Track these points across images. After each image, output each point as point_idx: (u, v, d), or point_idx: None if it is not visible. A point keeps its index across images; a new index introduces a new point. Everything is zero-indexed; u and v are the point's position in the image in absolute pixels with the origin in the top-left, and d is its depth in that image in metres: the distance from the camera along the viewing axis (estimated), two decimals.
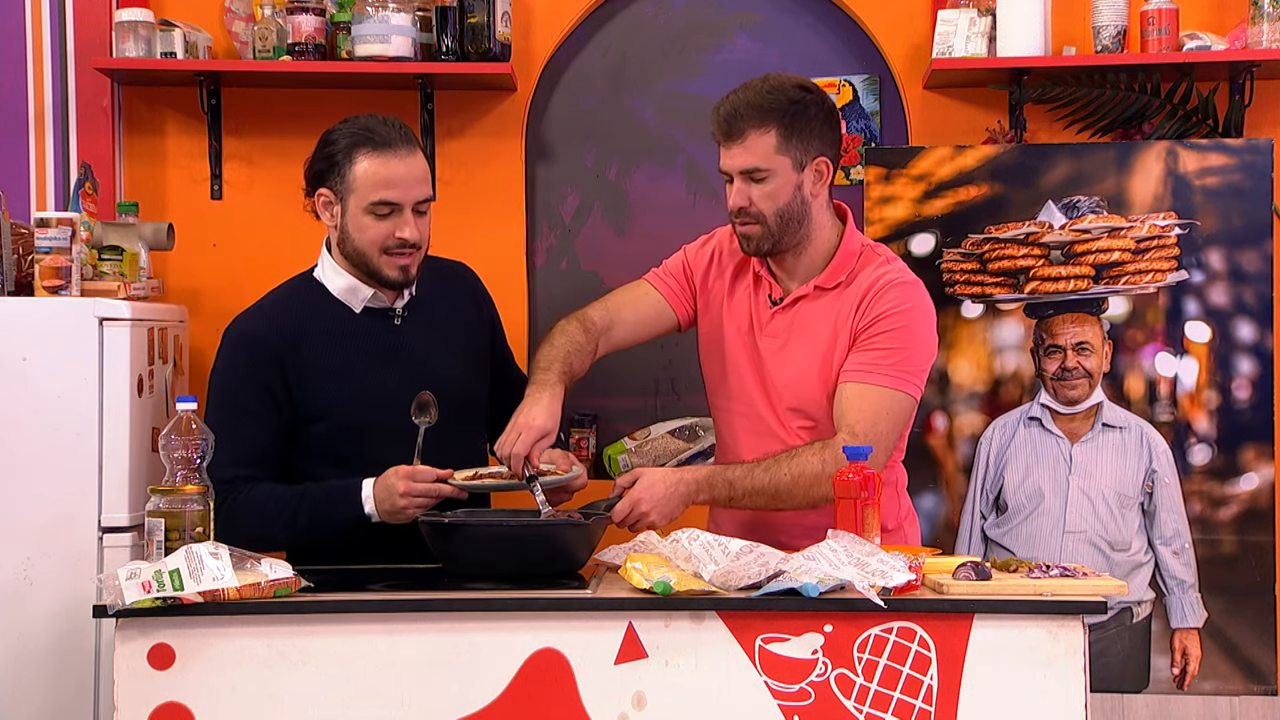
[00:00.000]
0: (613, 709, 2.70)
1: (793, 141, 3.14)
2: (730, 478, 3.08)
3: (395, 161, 3.20)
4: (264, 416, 3.20)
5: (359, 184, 3.20)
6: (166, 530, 2.83)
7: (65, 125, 4.31)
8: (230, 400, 3.22)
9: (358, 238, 3.23)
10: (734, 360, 3.30)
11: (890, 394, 3.10)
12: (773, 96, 3.14)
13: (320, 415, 3.23)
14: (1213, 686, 4.05)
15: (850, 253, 3.23)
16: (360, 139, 3.21)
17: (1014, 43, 4.16)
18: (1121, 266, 4.10)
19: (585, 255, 4.55)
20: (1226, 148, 4.10)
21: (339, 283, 3.30)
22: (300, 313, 3.28)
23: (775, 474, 3.06)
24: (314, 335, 3.25)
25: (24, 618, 3.54)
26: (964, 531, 4.13)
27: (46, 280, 3.62)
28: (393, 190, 3.19)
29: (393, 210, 3.20)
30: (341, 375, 3.24)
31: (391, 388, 3.23)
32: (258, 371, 3.21)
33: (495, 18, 4.18)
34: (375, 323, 3.30)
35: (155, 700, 2.69)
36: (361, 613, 2.73)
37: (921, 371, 3.17)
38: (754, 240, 3.20)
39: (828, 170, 3.19)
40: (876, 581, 2.66)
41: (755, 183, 3.15)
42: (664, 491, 3.04)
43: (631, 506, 3.03)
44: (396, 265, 3.23)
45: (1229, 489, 4.08)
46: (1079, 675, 2.67)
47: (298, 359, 3.22)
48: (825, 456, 3.04)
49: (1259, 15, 4.12)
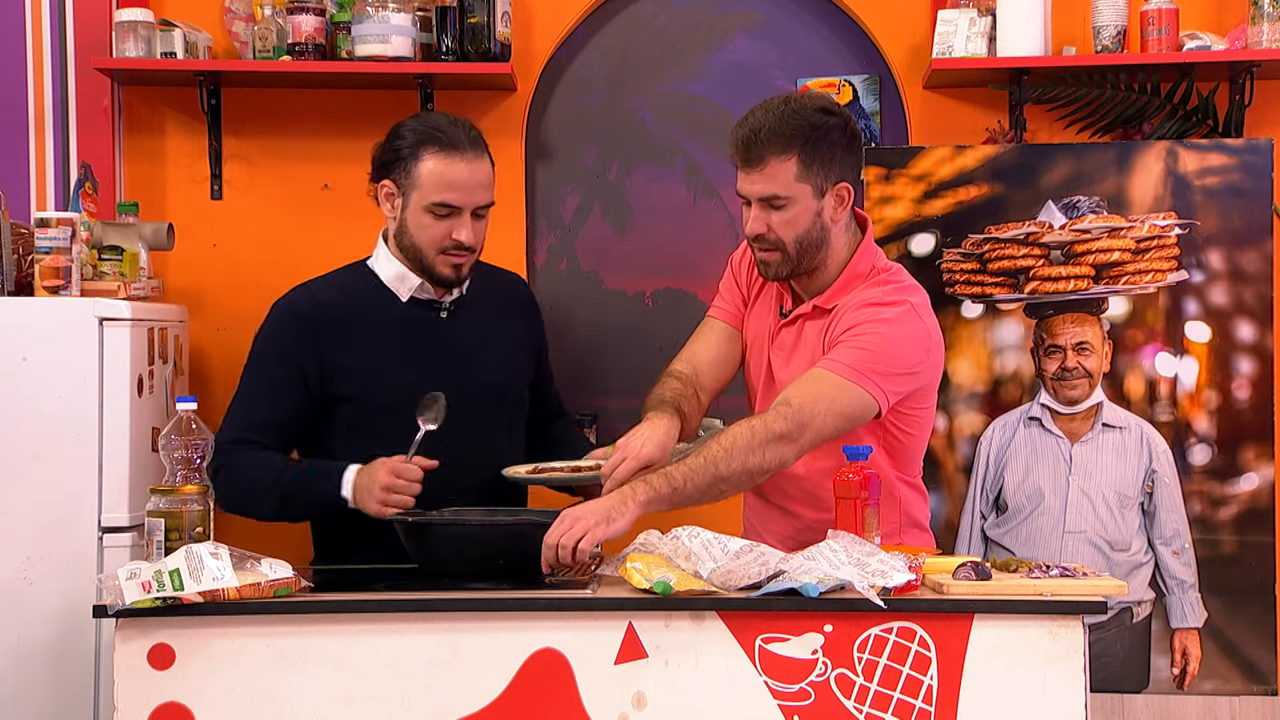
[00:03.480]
0: (613, 709, 2.70)
1: (813, 168, 3.06)
2: (667, 470, 2.95)
3: (460, 164, 3.24)
4: (288, 392, 3.29)
5: (422, 182, 3.25)
6: (166, 530, 2.83)
7: (65, 125, 4.31)
8: (262, 368, 3.33)
9: (415, 234, 3.28)
10: (754, 368, 3.30)
11: (843, 383, 2.99)
12: (794, 122, 3.06)
13: (351, 396, 3.29)
14: (1213, 686, 4.05)
15: (856, 275, 3.17)
16: (428, 137, 3.25)
17: (1014, 43, 4.15)
18: (1121, 266, 4.10)
19: (585, 255, 4.55)
20: (1226, 148, 4.10)
21: (390, 271, 3.36)
22: (348, 295, 3.35)
23: (707, 451, 2.94)
24: (357, 318, 3.32)
25: (24, 618, 3.54)
26: (964, 531, 4.13)
27: (46, 280, 3.62)
28: (453, 193, 3.24)
29: (452, 212, 3.25)
30: (377, 359, 3.30)
31: (426, 377, 3.27)
32: (294, 347, 3.30)
33: (495, 18, 4.18)
34: (420, 313, 3.36)
35: (155, 700, 2.70)
36: (361, 613, 2.73)
37: (892, 376, 3.03)
38: (773, 267, 3.15)
39: (849, 195, 3.13)
40: (876, 581, 2.66)
41: (774, 210, 3.09)
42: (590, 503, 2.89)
43: (555, 526, 2.83)
44: (450, 264, 3.29)
45: (1229, 489, 4.07)
46: (1079, 675, 2.67)
47: (337, 338, 3.29)
48: (754, 424, 2.94)
49: (1259, 15, 4.12)
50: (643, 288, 4.53)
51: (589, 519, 2.83)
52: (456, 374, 3.29)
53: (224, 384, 4.36)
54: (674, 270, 4.48)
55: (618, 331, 4.52)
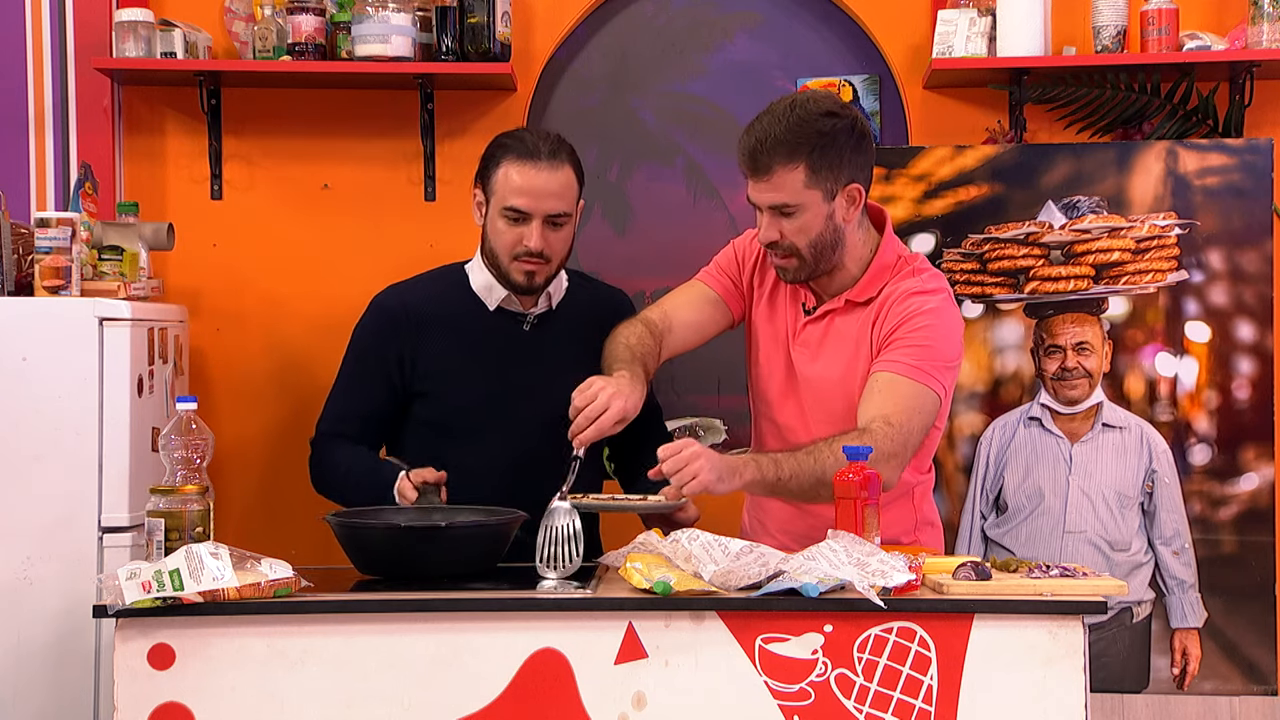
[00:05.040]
0: (613, 709, 2.70)
1: (822, 173, 3.06)
2: (775, 456, 2.97)
3: (532, 171, 3.27)
4: (377, 385, 3.39)
5: (498, 187, 3.31)
6: (166, 530, 2.83)
7: (65, 125, 4.31)
8: (353, 363, 3.46)
9: (493, 239, 3.34)
10: (769, 367, 3.29)
11: (921, 389, 3.04)
12: (800, 129, 3.05)
13: (427, 394, 3.37)
14: (1213, 686, 4.05)
15: (884, 266, 3.18)
16: (509, 146, 3.33)
17: (1014, 43, 4.15)
18: (1121, 266, 4.10)
19: (585, 255, 4.55)
20: (1226, 148, 4.10)
21: (480, 279, 3.41)
22: (439, 296, 3.42)
23: (818, 453, 2.94)
24: (444, 318, 3.39)
25: (24, 618, 3.54)
26: (964, 531, 4.13)
27: (46, 280, 3.62)
28: (523, 199, 3.27)
29: (522, 218, 3.28)
30: (456, 362, 3.36)
31: (500, 386, 3.35)
32: (383, 341, 3.39)
33: (495, 18, 4.18)
34: (504, 323, 3.40)
35: (155, 700, 2.70)
36: (361, 613, 2.73)
37: (947, 369, 3.10)
38: (790, 272, 3.17)
39: (860, 195, 3.13)
40: (876, 581, 2.66)
41: (785, 217, 3.10)
42: (715, 455, 2.92)
43: (683, 449, 2.88)
44: (523, 271, 3.31)
45: (1229, 489, 4.07)
46: (1079, 675, 2.67)
47: (423, 335, 3.37)
48: (866, 442, 2.93)
49: (1259, 15, 4.12)
50: (643, 288, 4.53)
51: (705, 470, 2.85)
52: (530, 388, 3.34)
53: (224, 384, 4.37)
54: (674, 270, 4.45)
55: None
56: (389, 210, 4.39)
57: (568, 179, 3.32)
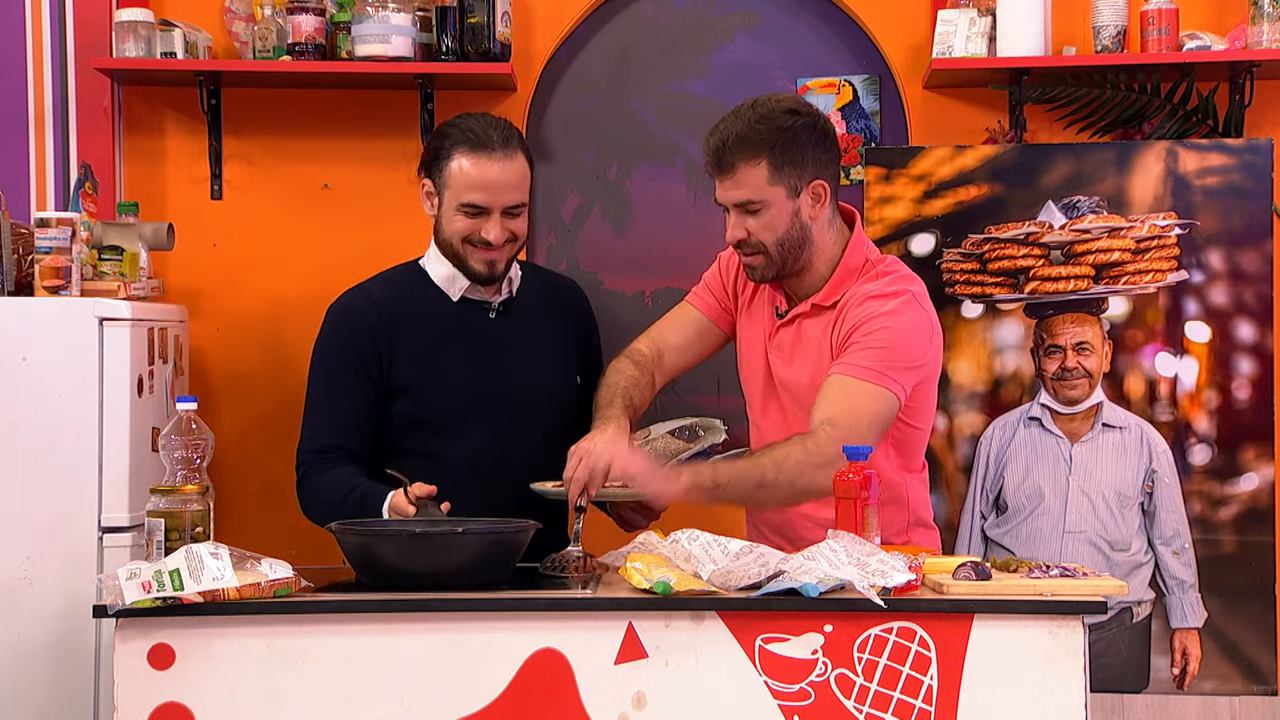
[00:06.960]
0: (613, 709, 2.70)
1: (784, 170, 3.10)
2: (715, 464, 3.05)
3: (488, 164, 3.25)
4: (358, 390, 3.32)
5: (452, 181, 3.28)
6: (166, 530, 2.83)
7: (65, 125, 4.31)
8: (328, 375, 3.35)
9: (448, 231, 3.31)
10: (750, 371, 3.31)
11: (874, 390, 3.03)
12: (761, 127, 3.10)
13: (407, 390, 3.33)
14: (1213, 686, 4.05)
15: (850, 269, 3.19)
16: (460, 138, 3.28)
17: (1014, 43, 4.15)
18: (1121, 266, 4.10)
19: (585, 255, 4.55)
20: (1226, 148, 4.10)
21: (440, 271, 3.39)
22: (400, 293, 3.38)
23: (758, 459, 3.02)
24: (410, 315, 3.36)
25: (24, 618, 3.54)
26: (964, 531, 4.13)
27: (46, 280, 3.62)
28: (480, 194, 3.26)
29: (480, 212, 3.27)
30: (429, 357, 3.33)
31: (476, 376, 3.33)
32: (354, 345, 3.33)
33: (495, 18, 4.18)
34: (471, 313, 3.39)
35: (155, 700, 2.70)
36: (361, 613, 2.73)
37: (907, 370, 3.08)
38: (758, 270, 3.19)
39: (825, 192, 3.15)
40: (876, 581, 2.66)
41: (751, 214, 3.13)
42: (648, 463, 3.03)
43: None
44: (483, 260, 3.31)
45: (1229, 489, 4.07)
46: (1079, 675, 2.67)
47: (393, 334, 3.33)
48: (807, 445, 2.97)
49: (1259, 15, 4.12)
50: (642, 288, 4.53)
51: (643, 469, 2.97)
52: (505, 375, 3.35)
53: (224, 384, 4.37)
54: (674, 270, 4.47)
55: (617, 332, 4.50)
56: (389, 210, 4.39)
57: (522, 168, 3.31)
